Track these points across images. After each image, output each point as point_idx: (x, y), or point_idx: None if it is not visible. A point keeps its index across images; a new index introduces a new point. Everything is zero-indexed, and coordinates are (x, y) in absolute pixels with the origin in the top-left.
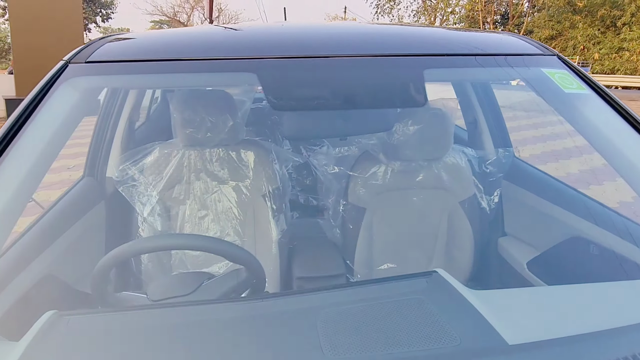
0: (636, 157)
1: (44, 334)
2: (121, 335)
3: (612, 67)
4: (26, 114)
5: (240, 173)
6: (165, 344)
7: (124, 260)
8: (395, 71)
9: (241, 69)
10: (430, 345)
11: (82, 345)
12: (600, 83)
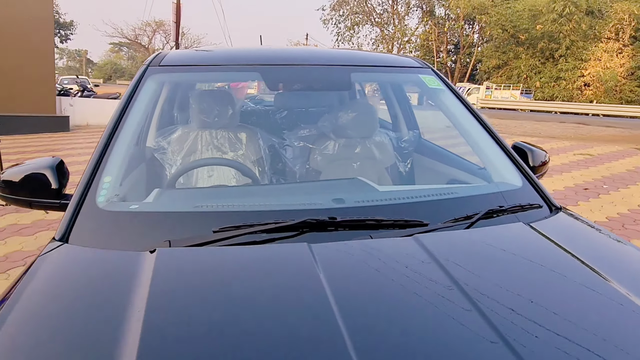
0: (467, 121)
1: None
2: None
3: (551, 94)
4: (131, 93)
5: (236, 146)
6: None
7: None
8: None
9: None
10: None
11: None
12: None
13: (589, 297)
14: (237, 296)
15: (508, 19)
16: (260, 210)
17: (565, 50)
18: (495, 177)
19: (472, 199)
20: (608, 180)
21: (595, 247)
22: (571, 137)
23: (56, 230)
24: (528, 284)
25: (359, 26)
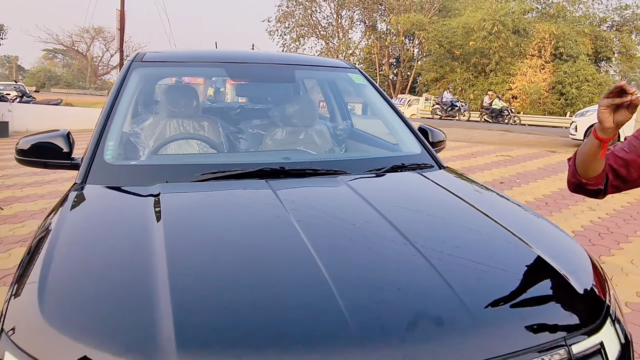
0: (386, 110)
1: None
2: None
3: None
4: (121, 82)
5: (200, 133)
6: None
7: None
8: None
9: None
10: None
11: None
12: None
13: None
14: (225, 213)
15: (444, 35)
16: (230, 163)
17: (495, 65)
18: (403, 148)
19: (383, 159)
20: (521, 176)
21: (464, 187)
22: (496, 142)
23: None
24: (427, 215)
25: (304, 38)
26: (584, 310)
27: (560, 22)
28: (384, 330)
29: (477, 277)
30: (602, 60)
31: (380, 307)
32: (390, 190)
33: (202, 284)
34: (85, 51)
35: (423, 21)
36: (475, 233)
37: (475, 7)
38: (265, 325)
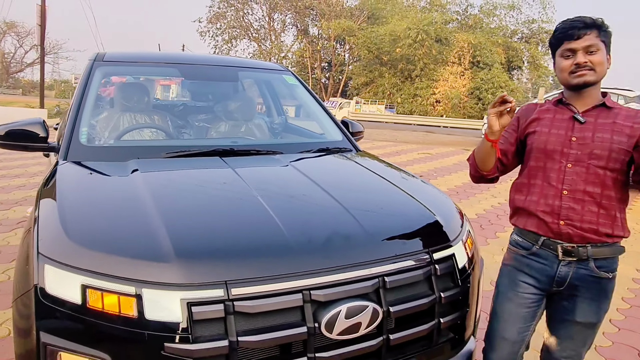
0: (314, 106)
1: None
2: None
3: (410, 109)
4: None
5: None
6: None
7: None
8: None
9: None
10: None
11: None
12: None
13: (368, 180)
14: (193, 175)
15: (373, 41)
16: (190, 145)
17: (420, 71)
18: (328, 136)
19: (312, 144)
20: (438, 170)
21: (373, 164)
22: (419, 142)
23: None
24: (343, 178)
25: (236, 40)
26: (444, 234)
27: (478, 33)
28: (306, 236)
29: (374, 213)
30: (514, 69)
31: (308, 229)
32: (320, 165)
33: (184, 211)
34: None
35: (353, 27)
36: (377, 191)
37: (401, 16)
38: (234, 240)
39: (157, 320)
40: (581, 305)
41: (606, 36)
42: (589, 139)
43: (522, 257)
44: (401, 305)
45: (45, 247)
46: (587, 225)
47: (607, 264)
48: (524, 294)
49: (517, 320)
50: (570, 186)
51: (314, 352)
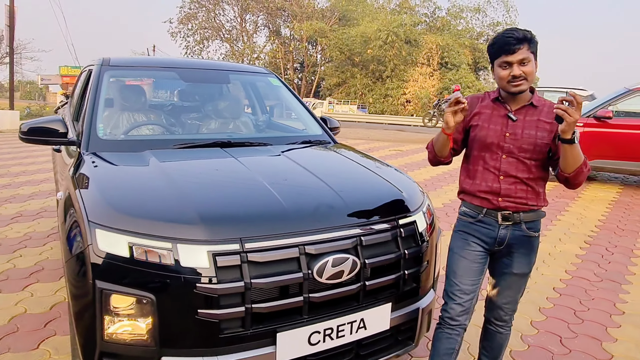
0: (296, 105)
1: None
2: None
3: (381, 109)
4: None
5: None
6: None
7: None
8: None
9: (170, 70)
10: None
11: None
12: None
13: (345, 165)
14: (202, 161)
15: (344, 43)
16: (194, 138)
17: (390, 72)
18: (309, 131)
19: (297, 137)
20: (408, 165)
21: (347, 152)
22: (390, 140)
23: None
24: (329, 167)
25: (208, 41)
26: (407, 206)
27: (445, 35)
28: (299, 206)
29: (352, 189)
30: (480, 70)
31: (300, 201)
32: (305, 154)
33: (203, 186)
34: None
35: (324, 29)
36: (353, 173)
37: (371, 18)
38: (245, 207)
39: (190, 267)
40: (517, 260)
41: (535, 47)
42: (519, 135)
43: (470, 224)
44: (374, 258)
45: (94, 216)
46: (519, 200)
47: (534, 225)
48: (474, 252)
49: (470, 274)
50: (505, 173)
51: (308, 292)
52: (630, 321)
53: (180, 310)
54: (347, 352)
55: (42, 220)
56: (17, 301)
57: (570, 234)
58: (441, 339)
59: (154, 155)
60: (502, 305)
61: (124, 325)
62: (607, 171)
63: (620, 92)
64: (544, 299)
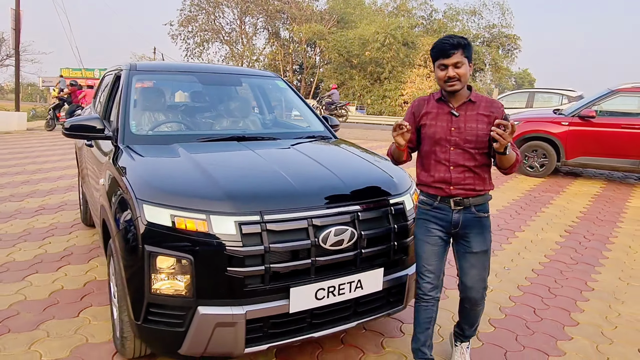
0: (301, 105)
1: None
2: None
3: (379, 110)
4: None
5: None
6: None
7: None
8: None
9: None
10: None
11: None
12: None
13: (345, 156)
14: (225, 151)
15: (342, 45)
16: (214, 133)
17: (388, 74)
18: (312, 128)
19: (303, 133)
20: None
21: (347, 145)
22: (387, 140)
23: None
24: (331, 157)
25: (208, 43)
26: (397, 189)
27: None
28: (308, 187)
29: (351, 175)
30: (476, 71)
31: (308, 183)
32: (311, 147)
33: (228, 171)
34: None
35: (323, 31)
36: (351, 162)
37: (369, 21)
38: (263, 187)
39: (221, 234)
40: (473, 239)
41: (469, 52)
42: (462, 129)
43: (427, 211)
44: (369, 230)
45: (140, 194)
46: (468, 186)
47: (482, 208)
48: (433, 237)
49: (433, 256)
50: (455, 163)
51: (315, 256)
52: (597, 297)
53: (213, 269)
54: (347, 309)
55: (64, 212)
56: (53, 279)
57: (552, 224)
58: (420, 310)
59: (182, 147)
60: (472, 285)
61: (167, 281)
62: (591, 167)
63: (603, 93)
64: (522, 279)
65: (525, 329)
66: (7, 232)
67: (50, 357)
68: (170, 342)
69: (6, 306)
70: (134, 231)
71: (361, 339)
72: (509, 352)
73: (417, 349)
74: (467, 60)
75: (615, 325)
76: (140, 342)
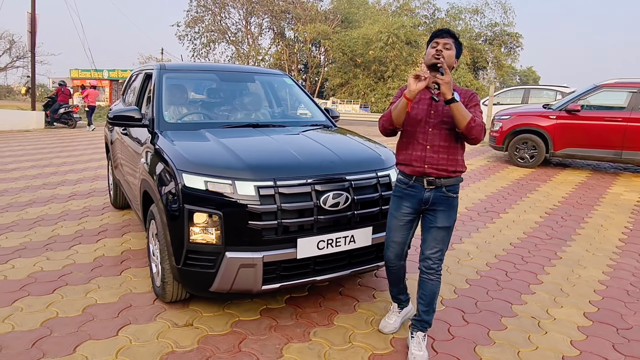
0: (306, 99)
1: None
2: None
3: (383, 108)
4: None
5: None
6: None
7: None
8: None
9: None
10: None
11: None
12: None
13: (342, 139)
14: (246, 135)
15: (347, 44)
16: (235, 121)
17: (392, 72)
18: (315, 118)
19: (308, 122)
20: None
21: (345, 132)
22: None
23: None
24: (330, 139)
25: (214, 43)
26: (384, 164)
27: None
28: (311, 161)
29: (346, 152)
30: (479, 69)
31: (311, 158)
32: (315, 133)
33: (249, 149)
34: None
35: (327, 31)
36: (347, 143)
37: (372, 20)
38: (276, 161)
39: (244, 195)
40: (439, 215)
41: (458, 46)
42: (439, 112)
43: (402, 189)
44: (360, 196)
45: (180, 166)
46: (441, 166)
47: (453, 188)
48: (403, 213)
49: (399, 230)
50: (431, 143)
51: (317, 215)
52: (564, 263)
53: (237, 222)
54: (343, 259)
55: (94, 197)
56: (95, 249)
57: (535, 207)
58: (389, 273)
59: (208, 132)
60: (430, 255)
61: (202, 232)
62: (577, 158)
63: (589, 88)
64: (500, 250)
65: (495, 286)
66: (48, 213)
67: (104, 302)
68: (203, 282)
69: (60, 267)
70: (175, 195)
71: (356, 292)
72: (479, 302)
73: (393, 297)
74: (454, 50)
75: (574, 284)
76: (178, 287)
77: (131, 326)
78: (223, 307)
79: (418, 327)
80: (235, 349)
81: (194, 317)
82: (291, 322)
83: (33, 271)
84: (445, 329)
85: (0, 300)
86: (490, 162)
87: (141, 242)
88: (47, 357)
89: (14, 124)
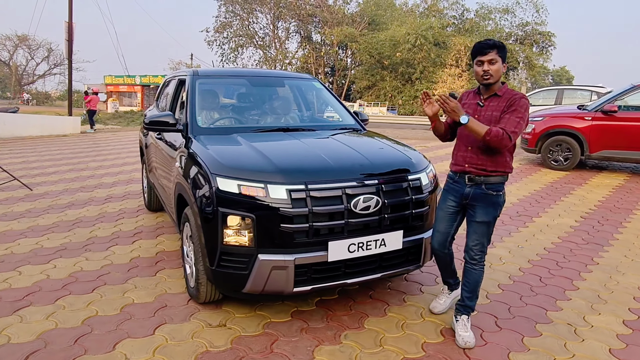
0: (335, 103)
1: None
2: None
3: (411, 110)
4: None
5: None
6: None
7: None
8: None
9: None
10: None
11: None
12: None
13: (372, 142)
14: (276, 140)
15: (374, 47)
16: (266, 125)
17: (419, 74)
18: (344, 122)
19: (338, 126)
20: (432, 159)
21: (375, 136)
22: (417, 138)
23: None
24: (360, 143)
25: (242, 48)
26: (414, 167)
27: (474, 36)
28: (342, 165)
29: (377, 156)
30: (509, 70)
31: (342, 162)
32: (345, 136)
33: (280, 153)
34: (9, 59)
35: (354, 34)
36: (377, 147)
37: (400, 22)
38: (308, 165)
39: (276, 198)
40: (478, 211)
41: (503, 53)
42: (482, 116)
43: (449, 184)
44: (391, 199)
45: (214, 169)
46: (480, 166)
47: (493, 187)
48: (448, 205)
49: (444, 220)
50: (473, 144)
51: (347, 218)
52: (601, 269)
53: (269, 225)
54: (373, 262)
55: (129, 200)
56: (131, 250)
57: (570, 211)
58: (436, 259)
59: (240, 136)
60: (472, 247)
61: (235, 235)
62: (614, 160)
63: (626, 88)
64: (534, 255)
65: (529, 292)
66: (86, 215)
67: (141, 301)
68: (236, 283)
69: (99, 267)
70: (209, 197)
71: (387, 296)
72: (512, 307)
73: (443, 280)
74: (500, 60)
75: (612, 291)
76: (211, 288)
77: (167, 325)
78: (255, 309)
79: (462, 311)
80: (268, 350)
81: (227, 317)
82: (322, 325)
83: (73, 271)
84: (479, 335)
85: (45, 298)
86: (522, 164)
87: (175, 244)
88: (89, 354)
89: (53, 129)
